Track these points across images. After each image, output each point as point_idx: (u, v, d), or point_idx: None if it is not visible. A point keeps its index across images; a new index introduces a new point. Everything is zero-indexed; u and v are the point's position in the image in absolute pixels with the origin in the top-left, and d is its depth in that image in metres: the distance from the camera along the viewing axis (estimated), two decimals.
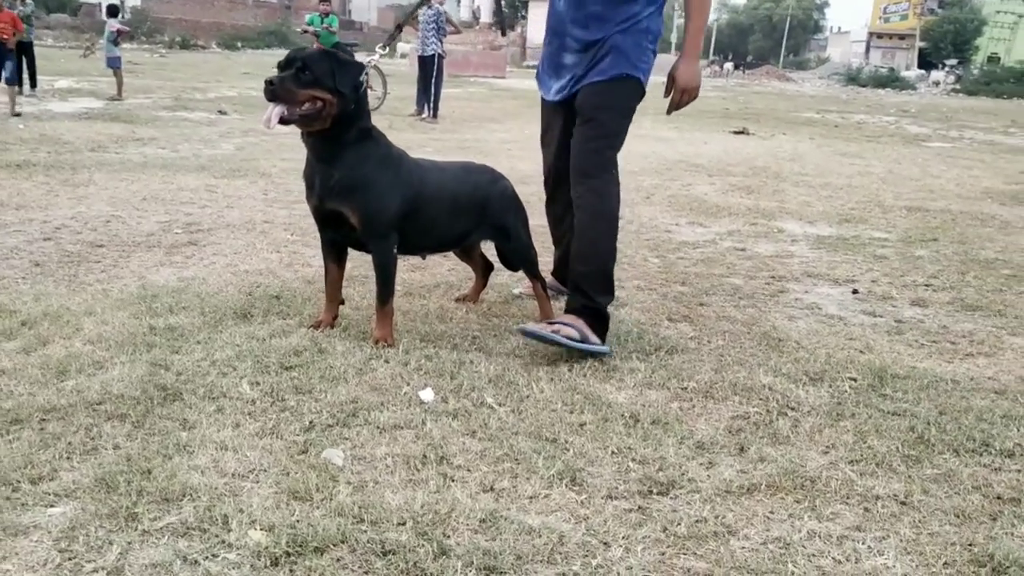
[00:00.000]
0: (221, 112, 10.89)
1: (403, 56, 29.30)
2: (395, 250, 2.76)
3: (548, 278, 3.33)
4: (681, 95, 2.93)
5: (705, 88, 2.86)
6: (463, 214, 2.94)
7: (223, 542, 1.69)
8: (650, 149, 9.45)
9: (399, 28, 3.17)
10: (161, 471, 1.92)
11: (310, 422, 2.18)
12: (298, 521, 1.76)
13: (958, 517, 1.95)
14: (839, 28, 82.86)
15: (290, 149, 7.87)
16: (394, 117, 11.80)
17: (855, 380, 2.75)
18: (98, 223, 4.45)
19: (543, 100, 3.13)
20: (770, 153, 9.88)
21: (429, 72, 11.61)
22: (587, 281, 2.84)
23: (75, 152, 6.91)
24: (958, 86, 42.91)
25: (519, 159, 7.91)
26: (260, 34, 42.17)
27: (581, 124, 2.90)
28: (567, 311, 2.85)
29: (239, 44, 39.11)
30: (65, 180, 5.57)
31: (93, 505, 1.79)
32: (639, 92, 2.92)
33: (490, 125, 11.64)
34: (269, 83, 2.55)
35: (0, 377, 2.38)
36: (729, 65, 51.97)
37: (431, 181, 2.83)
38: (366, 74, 2.70)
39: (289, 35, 42.15)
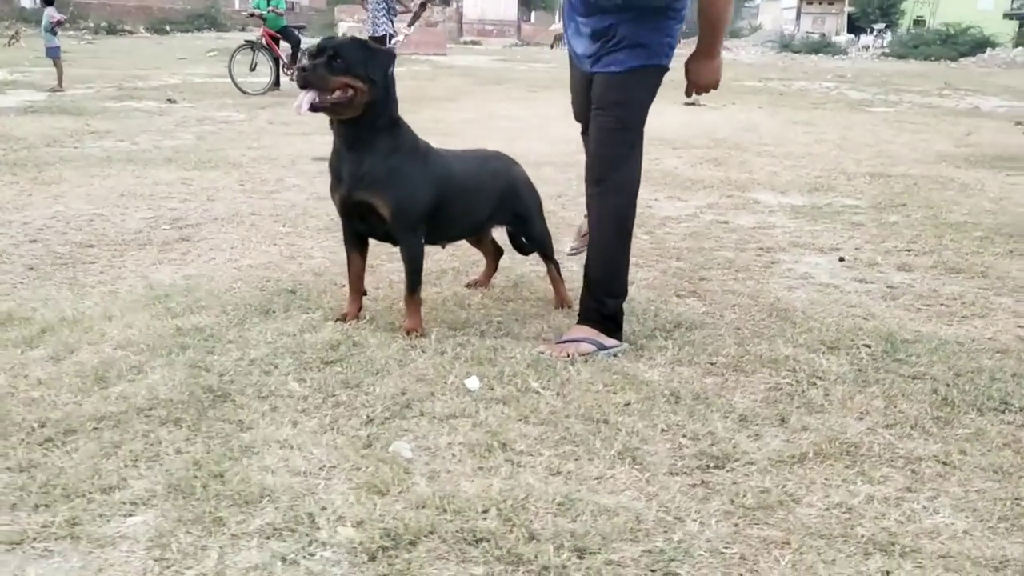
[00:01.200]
0: (170, 100, 10.64)
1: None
2: (423, 241, 2.78)
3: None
4: (695, 89, 2.82)
5: None
6: (484, 202, 2.97)
7: (316, 540, 1.71)
8: None
9: (423, 6, 3.17)
10: (233, 474, 1.92)
11: (368, 416, 2.21)
12: (383, 515, 1.79)
13: (997, 473, 2.06)
14: None
15: (253, 137, 7.76)
16: None
17: (869, 347, 2.86)
18: (81, 222, 4.35)
19: (570, 56, 2.93)
20: (726, 124, 10.04)
21: None
22: (599, 287, 2.79)
23: (32, 148, 6.71)
24: (887, 50, 43.81)
25: (485, 139, 7.90)
26: (189, 18, 40.92)
27: (597, 114, 2.74)
28: (580, 320, 2.81)
29: (167, 28, 37.94)
30: (34, 178, 5.41)
31: (175, 512, 1.79)
32: (660, 77, 2.75)
33: (445, 104, 11.56)
34: (302, 70, 2.55)
35: (38, 387, 2.35)
36: None
37: (456, 172, 2.85)
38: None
39: (219, 18, 41.13)
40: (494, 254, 3.40)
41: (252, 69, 11.87)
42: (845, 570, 1.67)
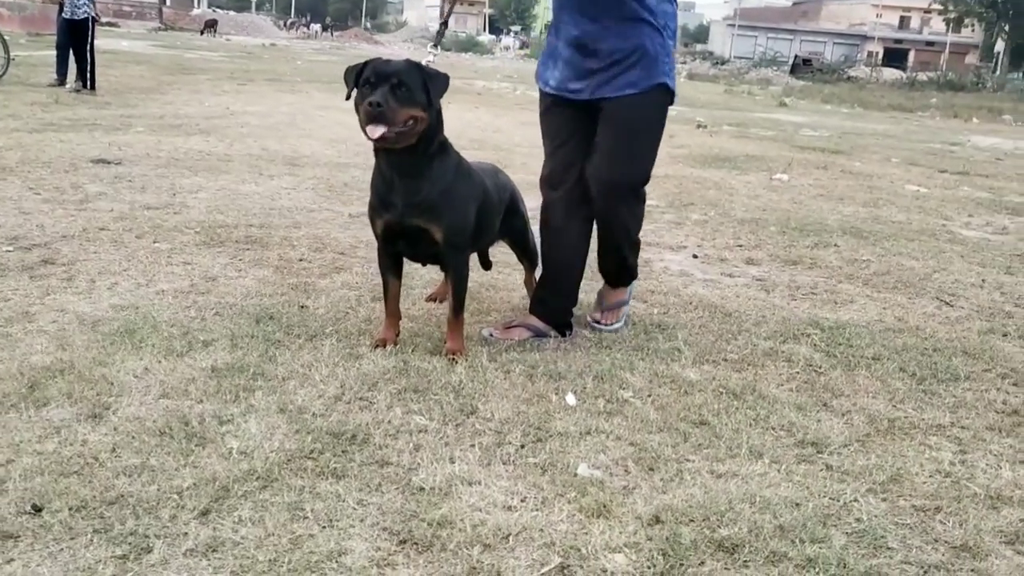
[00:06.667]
0: None
1: None
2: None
3: (522, 318, 3.12)
4: None
5: (315, 52, 2.97)
6: (498, 217, 2.97)
7: (605, 570, 1.73)
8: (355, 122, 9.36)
9: (444, 25, 3.08)
10: (455, 517, 1.85)
11: (520, 443, 2.19)
12: (636, 537, 1.84)
13: (1002, 432, 2.58)
14: None
15: None
16: (41, 90, 10.28)
17: (815, 335, 3.33)
18: None
19: (550, 95, 2.95)
20: (471, 126, 10.40)
21: (82, 38, 10.27)
22: (631, 271, 3.25)
23: None
24: (528, 51, 47.37)
25: (260, 138, 7.51)
26: None
27: (615, 140, 2.86)
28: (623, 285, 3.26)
29: None
30: None
31: (441, 568, 1.70)
32: (670, 99, 2.95)
33: (158, 96, 10.66)
34: (377, 105, 2.39)
35: (117, 454, 2.00)
36: (317, 27, 51.77)
37: (487, 187, 2.83)
38: None
39: None
40: None
41: None
42: (1000, 523, 2.04)
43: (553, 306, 3.02)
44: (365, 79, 2.49)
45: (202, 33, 37.82)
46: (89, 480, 1.88)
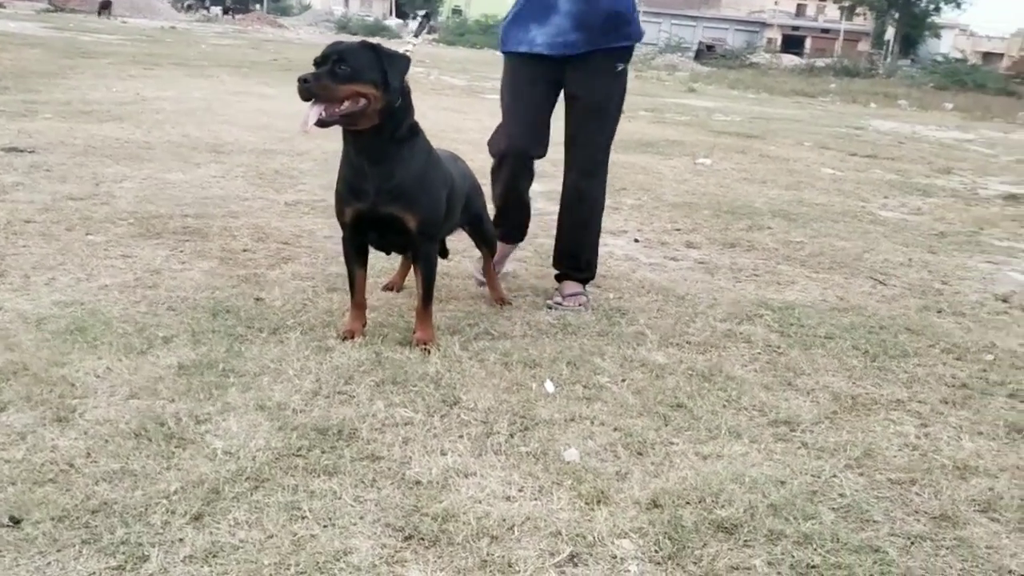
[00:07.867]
0: None
1: None
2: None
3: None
4: None
5: (218, 35, 3.02)
6: (461, 204, 2.93)
7: (614, 556, 1.73)
8: (273, 108, 9.12)
9: (427, 17, 3.00)
10: (458, 511, 1.82)
11: (508, 432, 2.18)
12: (640, 522, 1.85)
13: (956, 405, 2.70)
14: None
15: None
16: None
17: (767, 316, 3.41)
18: None
19: (516, 55, 3.15)
20: None
21: None
22: (588, 256, 3.39)
23: None
24: (436, 36, 46.97)
25: (177, 124, 7.24)
26: None
27: (589, 118, 3.18)
28: (565, 278, 3.38)
29: None
30: None
31: (452, 560, 1.67)
32: (637, 39, 3.25)
33: (61, 81, 10.12)
34: (304, 81, 2.32)
35: (92, 459, 1.90)
36: (217, 9, 50.16)
37: (453, 175, 2.78)
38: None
39: None
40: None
41: None
42: (971, 492, 2.13)
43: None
44: (315, 61, 2.42)
45: (99, 15, 36.08)
46: (67, 488, 1.78)
